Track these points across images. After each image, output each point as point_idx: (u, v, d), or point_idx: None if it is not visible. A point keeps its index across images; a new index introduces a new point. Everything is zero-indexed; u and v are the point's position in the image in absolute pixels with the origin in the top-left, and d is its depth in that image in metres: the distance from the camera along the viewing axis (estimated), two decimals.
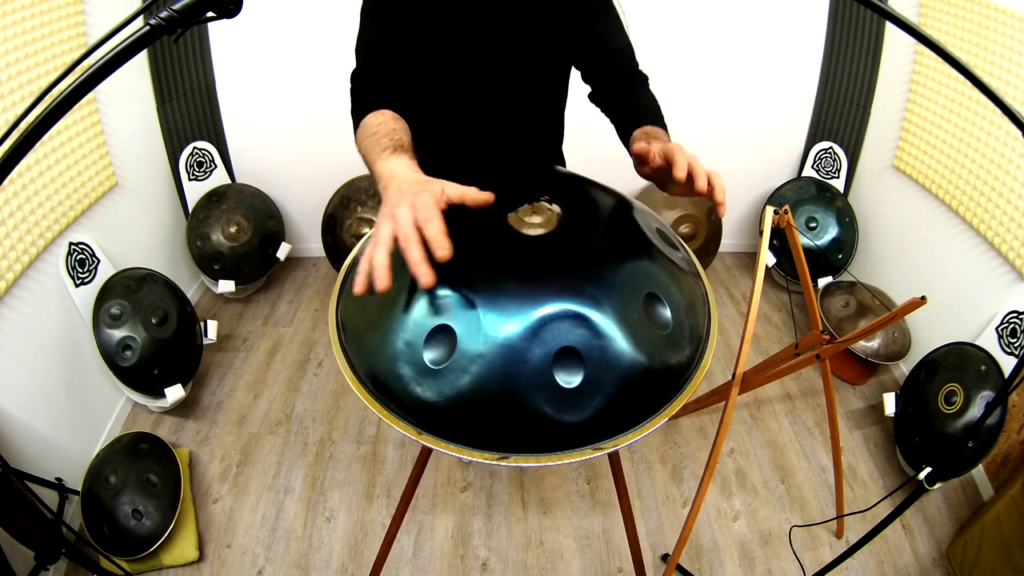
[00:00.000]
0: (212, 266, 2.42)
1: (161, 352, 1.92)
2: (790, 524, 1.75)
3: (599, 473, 1.89)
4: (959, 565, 1.60)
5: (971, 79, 0.69)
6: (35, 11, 1.65)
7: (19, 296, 1.61)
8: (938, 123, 2.10)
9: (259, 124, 2.50)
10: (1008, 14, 1.77)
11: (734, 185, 2.71)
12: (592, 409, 0.68)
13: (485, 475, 1.89)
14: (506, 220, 0.82)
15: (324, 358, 2.33)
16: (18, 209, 1.61)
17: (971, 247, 1.96)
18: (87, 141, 1.89)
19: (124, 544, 1.58)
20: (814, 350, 1.34)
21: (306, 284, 2.75)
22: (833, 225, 2.51)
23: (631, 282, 0.74)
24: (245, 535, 1.72)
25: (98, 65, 0.49)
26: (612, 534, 1.73)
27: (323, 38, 2.30)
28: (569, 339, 0.68)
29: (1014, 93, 1.77)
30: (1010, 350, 1.73)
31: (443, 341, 0.69)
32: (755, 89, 2.51)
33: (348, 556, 1.68)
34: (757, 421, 2.08)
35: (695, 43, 2.39)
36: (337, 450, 1.97)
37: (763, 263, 1.33)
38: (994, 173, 1.86)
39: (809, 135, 2.62)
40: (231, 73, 2.39)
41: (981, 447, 1.64)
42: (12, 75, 1.58)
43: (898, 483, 1.87)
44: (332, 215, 2.57)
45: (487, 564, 1.67)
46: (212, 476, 1.89)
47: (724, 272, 2.84)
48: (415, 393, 0.70)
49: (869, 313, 2.20)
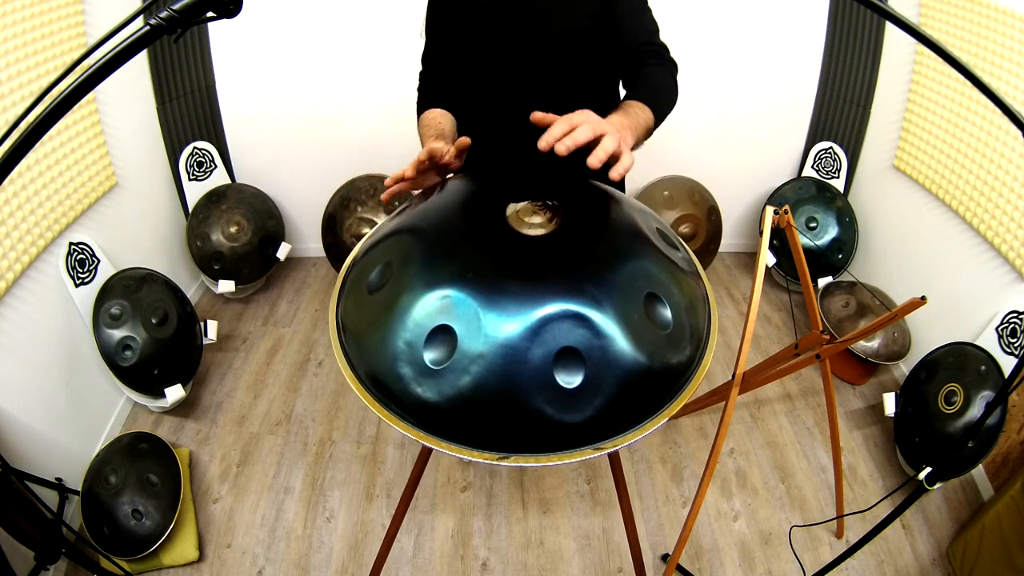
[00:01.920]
0: (212, 266, 2.42)
1: (161, 352, 1.92)
2: (790, 524, 1.75)
3: (599, 473, 1.89)
4: (959, 565, 1.60)
5: (971, 79, 0.69)
6: (35, 11, 1.65)
7: (19, 296, 1.61)
8: (938, 123, 2.10)
9: (259, 124, 2.50)
10: (1008, 14, 1.77)
11: (734, 185, 2.71)
12: (592, 409, 0.68)
13: (485, 475, 1.89)
14: (507, 220, 0.82)
15: (324, 358, 2.33)
16: (18, 209, 1.61)
17: (971, 247, 1.96)
18: (87, 141, 1.89)
19: (124, 544, 1.58)
20: (814, 350, 1.34)
21: (306, 284, 2.75)
22: (833, 225, 2.51)
23: (631, 282, 0.74)
24: (245, 535, 1.72)
25: (98, 65, 0.49)
26: (612, 534, 1.73)
27: (323, 38, 2.30)
28: (570, 339, 0.68)
29: (1014, 93, 1.77)
30: (1010, 350, 1.73)
31: (444, 341, 0.69)
32: (755, 89, 2.51)
33: (348, 556, 1.68)
34: (757, 421, 2.08)
35: (695, 43, 2.39)
36: (337, 450, 1.97)
37: (763, 263, 1.33)
38: (994, 173, 1.86)
39: (809, 135, 2.62)
40: (231, 73, 2.39)
41: (981, 447, 1.64)
42: (12, 75, 1.58)
43: (898, 483, 1.87)
44: (332, 215, 2.57)
45: (487, 564, 1.67)
46: (212, 476, 1.89)
47: (724, 272, 2.84)
48: (415, 393, 0.70)
49: (869, 313, 2.20)
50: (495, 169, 1.09)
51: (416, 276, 0.74)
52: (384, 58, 2.33)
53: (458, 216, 0.89)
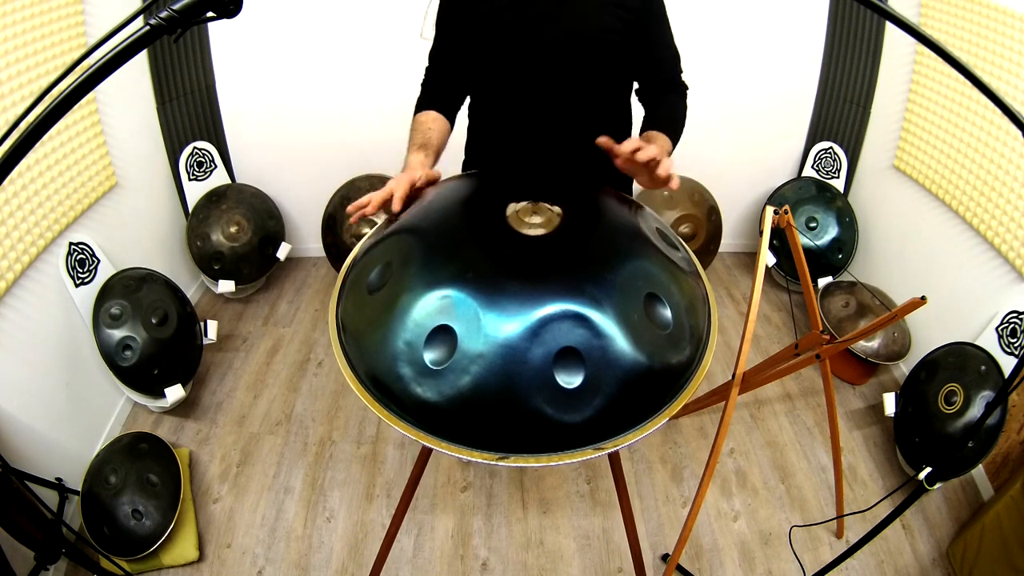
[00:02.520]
0: (212, 266, 2.42)
1: (161, 352, 1.92)
2: (790, 524, 1.75)
3: (599, 473, 1.89)
4: (959, 565, 1.60)
5: (971, 79, 0.69)
6: (35, 11, 1.65)
7: (19, 296, 1.61)
8: (938, 123, 2.10)
9: (259, 124, 2.50)
10: (1008, 14, 1.77)
11: (734, 185, 2.71)
12: (592, 409, 0.68)
13: (485, 475, 1.89)
14: (507, 220, 0.82)
15: (324, 358, 2.33)
16: (18, 209, 1.61)
17: (971, 247, 1.96)
18: (87, 141, 1.89)
19: (124, 544, 1.58)
20: (814, 350, 1.34)
21: (306, 284, 2.75)
22: (833, 225, 2.51)
23: (631, 282, 0.74)
24: (245, 535, 1.72)
25: (98, 65, 0.49)
26: (612, 534, 1.73)
27: (323, 38, 2.30)
28: (570, 339, 0.68)
29: (1014, 93, 1.77)
30: (1010, 350, 1.73)
31: (444, 341, 0.69)
32: (755, 89, 2.51)
33: (348, 556, 1.68)
34: (757, 421, 2.08)
35: (695, 43, 2.38)
36: (337, 450, 1.97)
37: (763, 263, 1.34)
38: (994, 173, 1.86)
39: (809, 135, 2.62)
40: (231, 73, 2.39)
41: (981, 447, 1.64)
42: (12, 75, 1.58)
43: (898, 483, 1.87)
44: (332, 215, 2.57)
45: (487, 564, 1.67)
46: (212, 476, 1.89)
47: (724, 272, 2.84)
48: (415, 393, 0.70)
49: (869, 313, 2.19)
50: (495, 169, 1.09)
51: (416, 276, 0.74)
52: (384, 58, 2.33)
53: (458, 216, 0.89)
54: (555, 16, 1.10)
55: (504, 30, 1.12)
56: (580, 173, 1.11)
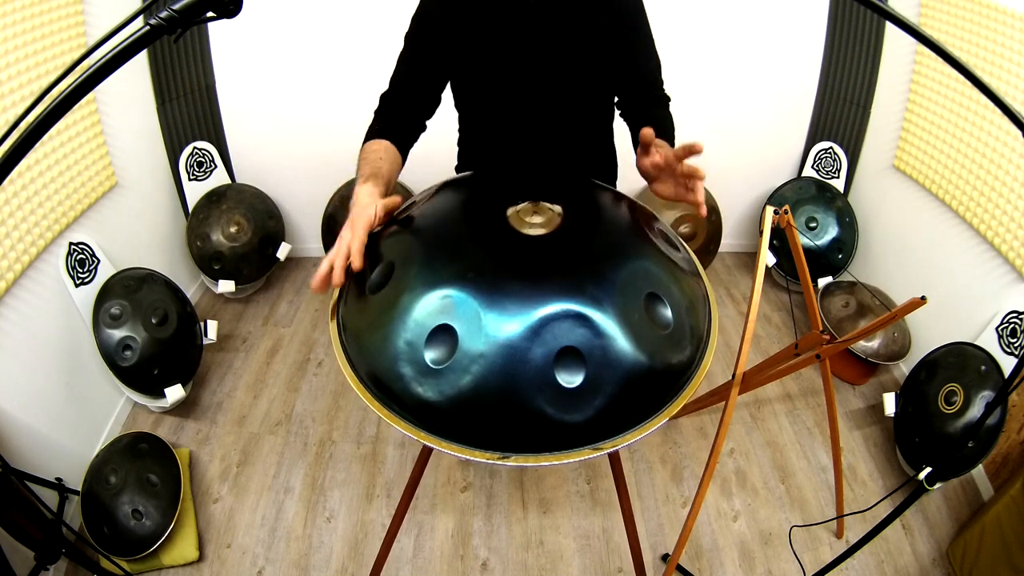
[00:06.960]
0: (212, 266, 2.42)
1: (161, 352, 1.92)
2: (790, 524, 1.75)
3: (599, 473, 1.89)
4: (959, 565, 1.60)
5: (971, 79, 0.69)
6: (35, 11, 1.65)
7: (19, 296, 1.61)
8: (938, 123, 2.10)
9: (259, 124, 2.49)
10: (1008, 14, 1.77)
11: (734, 185, 2.71)
12: (593, 409, 0.68)
13: (485, 475, 1.89)
14: (507, 220, 0.82)
15: (324, 358, 2.33)
16: (18, 209, 1.61)
17: (971, 247, 1.96)
18: (87, 141, 1.89)
19: (124, 544, 1.58)
20: (814, 350, 1.34)
21: (306, 284, 2.75)
22: (833, 225, 2.51)
23: (632, 282, 0.74)
24: (245, 535, 1.72)
25: (98, 65, 0.49)
26: (612, 534, 1.73)
27: (323, 38, 2.30)
28: (570, 339, 0.68)
29: (1014, 93, 1.77)
30: (1010, 350, 1.73)
31: (444, 341, 0.69)
32: (755, 89, 2.51)
33: (348, 556, 1.68)
34: (757, 421, 2.08)
35: (695, 43, 2.39)
36: (337, 450, 1.97)
37: (763, 263, 1.34)
38: (994, 173, 1.86)
39: (809, 135, 2.62)
40: (231, 73, 2.39)
41: (981, 447, 1.64)
42: (12, 75, 1.58)
43: (898, 483, 1.87)
44: (332, 215, 2.57)
45: (487, 564, 1.67)
46: (212, 476, 1.89)
47: (724, 272, 2.84)
48: (416, 393, 0.70)
49: (869, 313, 2.20)
50: (495, 170, 1.09)
51: (417, 276, 0.74)
52: (384, 58, 2.32)
53: (459, 216, 0.89)
54: (543, 34, 1.10)
55: (502, 41, 1.12)
56: (573, 176, 1.11)
